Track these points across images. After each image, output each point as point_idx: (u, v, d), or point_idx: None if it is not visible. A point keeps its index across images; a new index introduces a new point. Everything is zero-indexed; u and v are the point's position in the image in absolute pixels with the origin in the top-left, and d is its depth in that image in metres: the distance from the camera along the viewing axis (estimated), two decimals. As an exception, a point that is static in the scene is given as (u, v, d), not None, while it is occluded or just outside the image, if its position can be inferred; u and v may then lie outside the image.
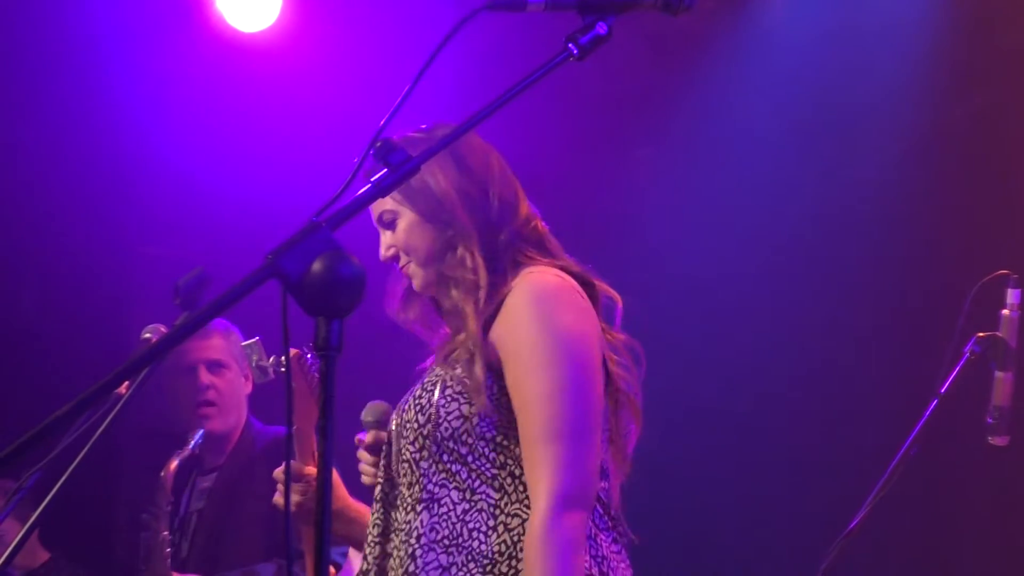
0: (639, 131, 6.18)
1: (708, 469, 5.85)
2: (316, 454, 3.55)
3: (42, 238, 6.12)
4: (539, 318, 2.89)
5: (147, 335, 3.62)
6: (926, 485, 5.17)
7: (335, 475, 3.53)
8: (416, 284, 3.09)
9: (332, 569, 3.96)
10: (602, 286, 3.05)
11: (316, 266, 2.05)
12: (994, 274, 4.19)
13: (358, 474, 3.29)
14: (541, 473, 2.83)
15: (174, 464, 4.81)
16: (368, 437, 3.20)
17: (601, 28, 2.40)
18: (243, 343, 3.76)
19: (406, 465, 2.98)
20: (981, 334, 4.14)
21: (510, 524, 2.88)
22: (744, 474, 5.87)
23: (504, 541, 2.87)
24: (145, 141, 6.04)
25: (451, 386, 2.93)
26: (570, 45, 2.39)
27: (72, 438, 3.07)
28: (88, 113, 5.95)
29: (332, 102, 5.96)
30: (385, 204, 3.06)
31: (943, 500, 5.61)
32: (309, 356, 3.47)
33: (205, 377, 5.01)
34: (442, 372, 2.96)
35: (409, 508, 2.96)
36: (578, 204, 5.57)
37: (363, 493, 3.47)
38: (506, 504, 2.89)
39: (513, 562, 2.85)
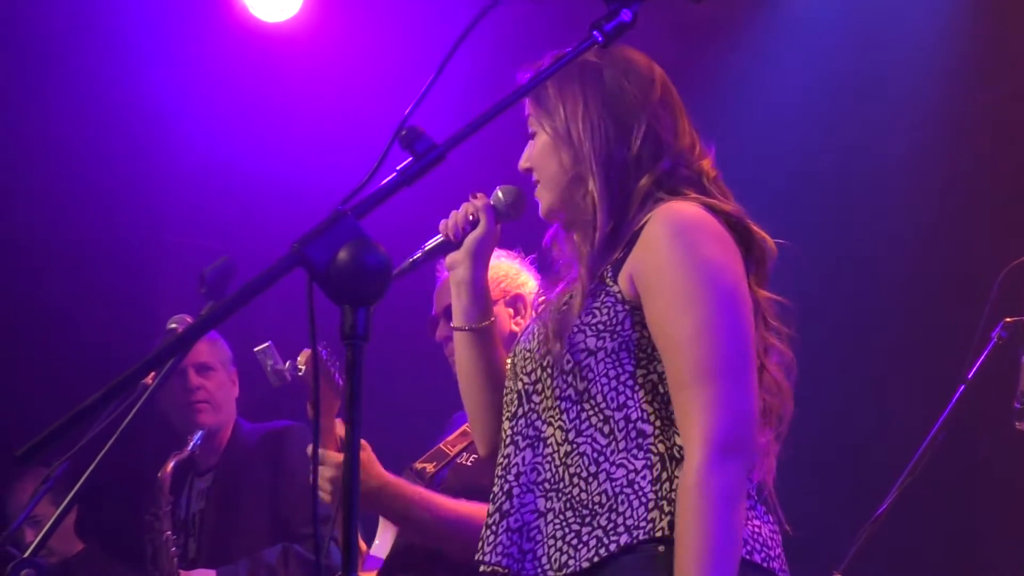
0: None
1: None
2: (339, 443, 3.56)
3: (68, 228, 6.15)
4: (680, 250, 2.68)
5: (173, 325, 3.63)
6: (953, 471, 5.15)
7: (369, 453, 3.52)
8: (541, 209, 2.94)
9: (363, 545, 3.98)
10: (759, 233, 2.86)
11: (342, 255, 2.05)
12: (1021, 259, 4.18)
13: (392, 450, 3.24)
14: (694, 418, 2.60)
15: (171, 465, 4.93)
16: (480, 200, 3.05)
17: (626, 15, 2.40)
18: (256, 349, 3.77)
19: (516, 396, 2.81)
20: (1008, 319, 4.13)
21: (614, 474, 2.67)
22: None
23: (605, 491, 2.66)
24: (169, 130, 6.06)
25: (580, 317, 2.73)
26: (595, 32, 2.39)
27: (100, 428, 3.08)
28: (113, 102, 5.96)
29: (356, 91, 5.96)
30: (530, 112, 2.94)
31: (970, 486, 5.60)
32: (325, 352, 3.45)
33: (195, 379, 5.15)
34: (572, 303, 2.76)
35: (509, 443, 2.79)
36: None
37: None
38: (612, 452, 2.68)
39: (613, 515, 2.65)
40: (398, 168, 2.22)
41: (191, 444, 5.00)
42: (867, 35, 5.89)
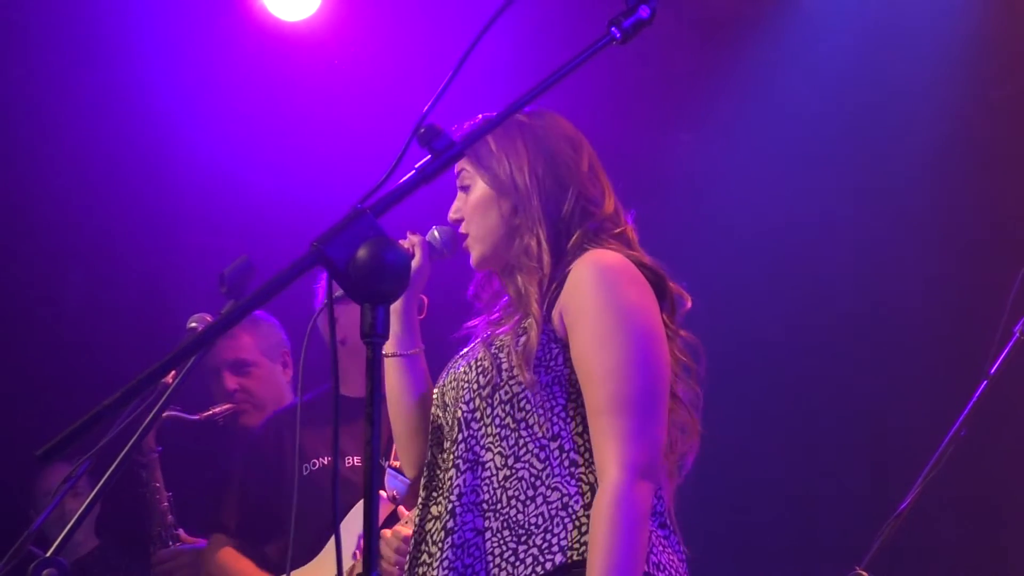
0: (680, 115, 6.16)
1: (758, 452, 5.82)
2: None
3: (87, 230, 6.15)
4: (603, 291, 2.90)
5: (193, 324, 3.63)
6: (975, 467, 5.14)
7: None
8: (473, 258, 3.14)
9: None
10: (675, 287, 3.05)
11: (361, 253, 2.05)
12: (1043, 253, 4.16)
13: None
14: (609, 444, 2.82)
15: (163, 415, 4.75)
16: (416, 237, 3.19)
17: (643, 11, 2.40)
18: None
19: (456, 423, 2.99)
20: (1030, 314, 4.11)
21: (549, 497, 2.87)
22: (795, 457, 5.85)
23: (541, 513, 2.86)
24: (187, 131, 6.05)
25: (518, 352, 2.94)
26: (612, 29, 2.39)
27: (121, 427, 3.08)
28: (129, 103, 5.96)
29: (375, 91, 5.96)
30: (464, 167, 3.12)
31: (993, 481, 5.58)
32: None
33: (230, 382, 5.05)
34: (508, 339, 2.97)
35: (451, 466, 2.97)
36: (617, 187, 5.53)
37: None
38: (548, 476, 2.89)
39: (548, 536, 2.84)
40: (417, 166, 2.22)
41: (205, 414, 4.90)
42: (886, 29, 5.87)
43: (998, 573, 5.61)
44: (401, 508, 3.86)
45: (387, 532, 3.69)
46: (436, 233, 3.19)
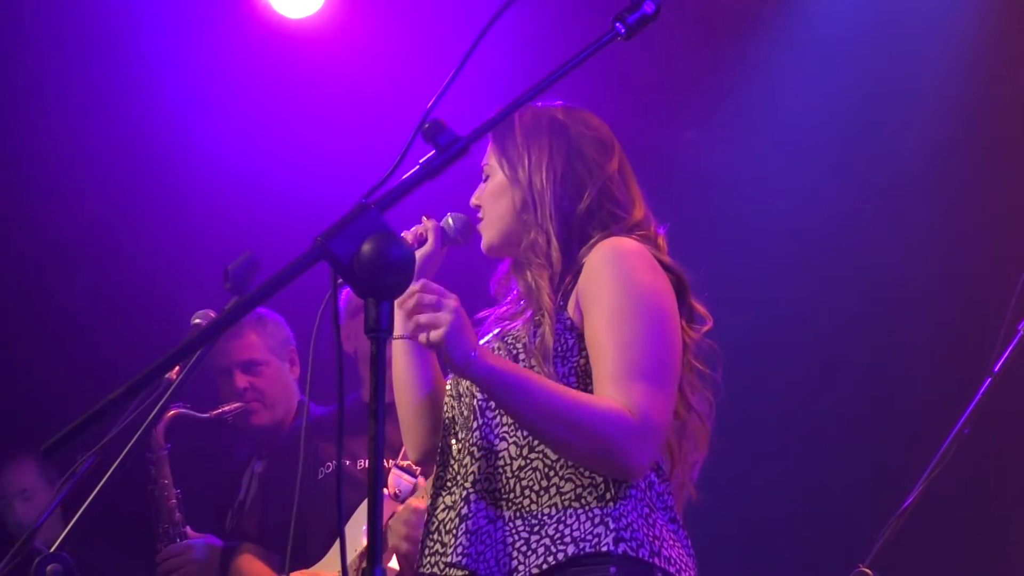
0: (686, 113, 6.15)
1: (762, 449, 5.82)
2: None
3: (93, 226, 6.16)
4: (618, 273, 2.90)
5: (197, 320, 3.63)
6: (979, 465, 5.14)
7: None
8: (483, 243, 3.14)
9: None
10: (698, 306, 3.05)
11: (366, 248, 2.05)
12: (1048, 251, 4.15)
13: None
14: (621, 400, 2.80)
15: (171, 413, 4.78)
16: (430, 222, 3.21)
17: (648, 7, 2.40)
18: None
19: (471, 412, 2.98)
20: (1034, 312, 4.10)
21: (563, 488, 2.86)
22: (798, 454, 5.85)
23: (555, 504, 2.85)
24: (191, 127, 6.06)
25: (536, 347, 2.93)
26: (617, 25, 2.40)
27: (125, 423, 3.08)
28: (133, 101, 5.96)
29: (379, 86, 5.96)
30: (490, 157, 3.14)
31: (996, 480, 5.58)
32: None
33: (240, 380, 5.02)
34: (522, 332, 2.96)
35: (466, 454, 2.95)
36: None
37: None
38: (562, 467, 2.88)
39: (561, 527, 2.83)
40: (421, 161, 2.22)
41: (214, 412, 4.91)
42: (890, 30, 5.86)
43: (1001, 571, 5.61)
44: (420, 479, 3.85)
45: (399, 507, 3.70)
46: (450, 220, 3.20)
